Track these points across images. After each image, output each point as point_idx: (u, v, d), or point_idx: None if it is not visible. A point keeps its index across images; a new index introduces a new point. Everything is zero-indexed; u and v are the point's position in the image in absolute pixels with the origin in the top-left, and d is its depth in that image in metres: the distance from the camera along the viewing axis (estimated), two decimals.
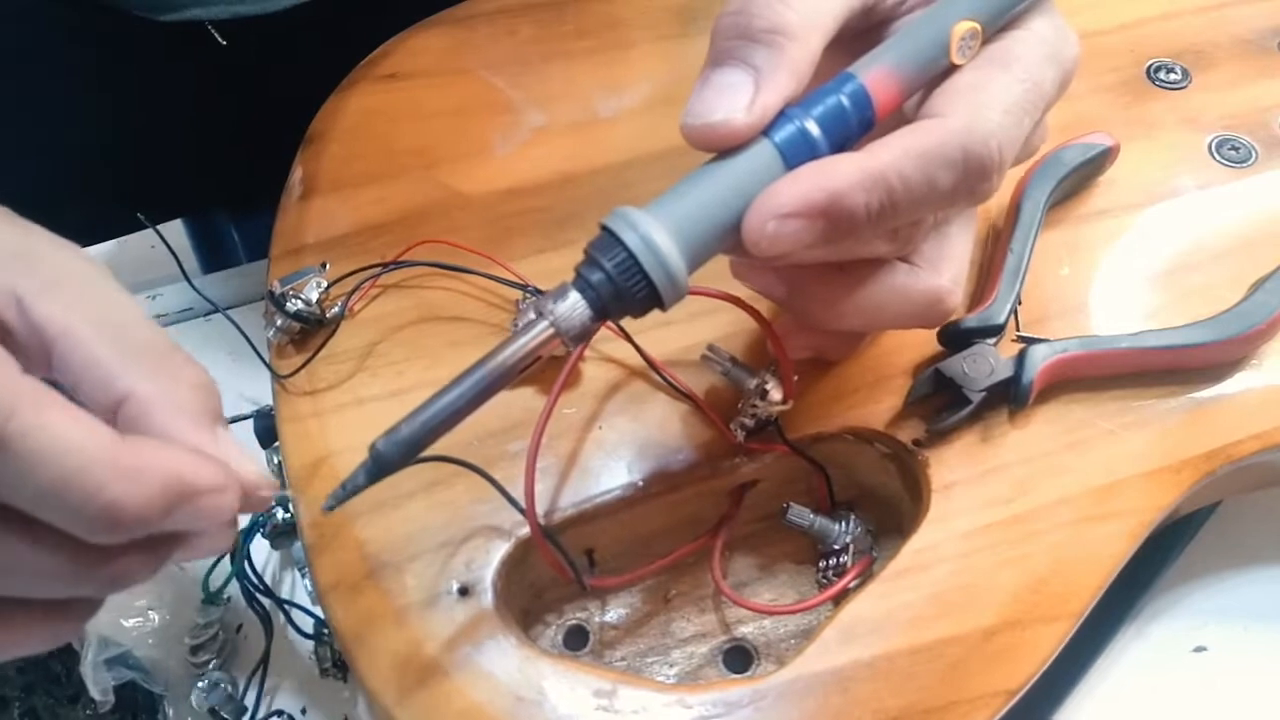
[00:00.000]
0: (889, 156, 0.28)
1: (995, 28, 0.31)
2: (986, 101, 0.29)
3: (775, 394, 0.34)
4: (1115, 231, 0.41)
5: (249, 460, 0.26)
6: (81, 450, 0.21)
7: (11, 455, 0.21)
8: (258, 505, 0.26)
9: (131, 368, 0.25)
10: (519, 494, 0.33)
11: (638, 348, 0.37)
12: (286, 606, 0.42)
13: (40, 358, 0.25)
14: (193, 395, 0.25)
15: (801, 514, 0.36)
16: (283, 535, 0.42)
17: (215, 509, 0.24)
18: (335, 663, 0.41)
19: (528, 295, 0.38)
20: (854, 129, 0.29)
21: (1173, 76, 0.46)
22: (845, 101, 0.29)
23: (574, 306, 0.27)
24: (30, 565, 0.22)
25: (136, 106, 0.52)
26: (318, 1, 0.47)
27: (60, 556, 0.23)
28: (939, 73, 0.30)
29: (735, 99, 0.28)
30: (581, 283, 0.27)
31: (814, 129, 0.28)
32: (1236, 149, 0.44)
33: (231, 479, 0.24)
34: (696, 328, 0.38)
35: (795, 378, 0.35)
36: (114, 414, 0.25)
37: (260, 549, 0.43)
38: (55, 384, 0.23)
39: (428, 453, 0.30)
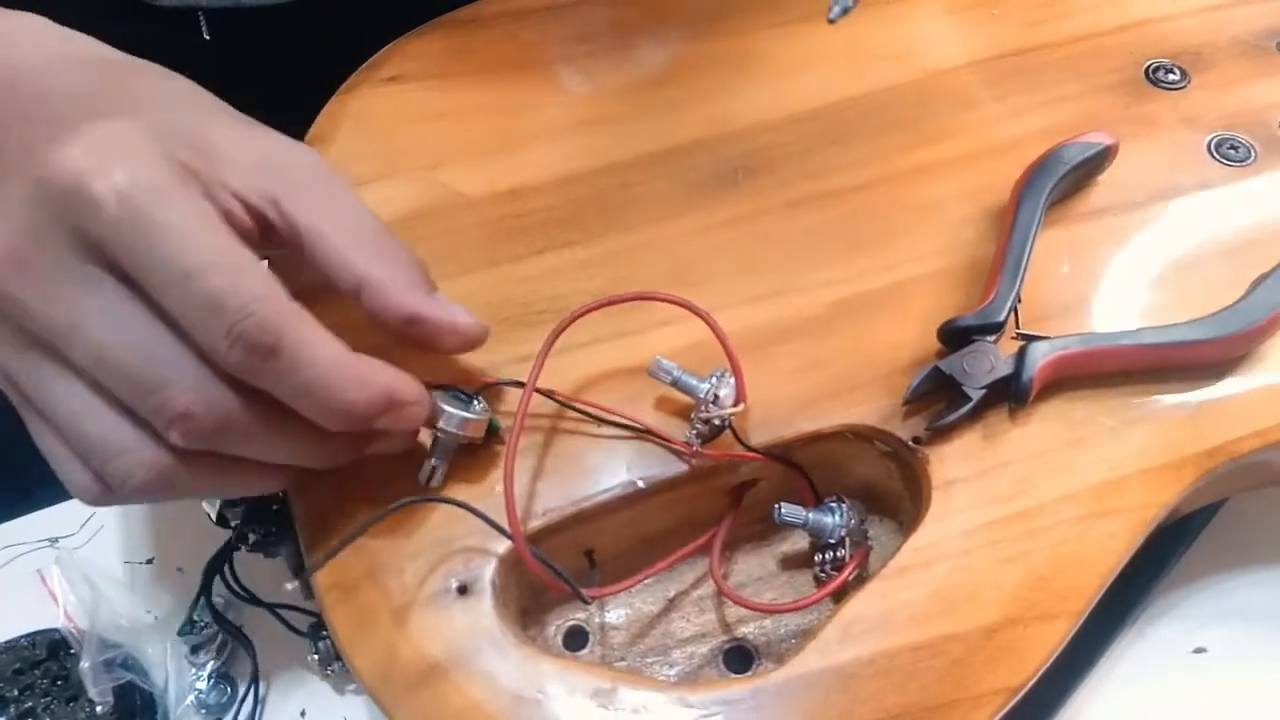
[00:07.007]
0: None
1: None
2: None
3: (727, 397, 0.34)
4: (1115, 230, 0.41)
5: (462, 311, 0.34)
6: (329, 362, 0.29)
7: (283, 361, 0.29)
8: (471, 341, 0.34)
9: (365, 258, 0.32)
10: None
11: (574, 408, 0.36)
12: (284, 609, 0.42)
13: (295, 249, 0.32)
14: (410, 272, 0.33)
15: (794, 512, 0.36)
16: (274, 544, 0.41)
17: (413, 418, 0.32)
18: (335, 663, 0.41)
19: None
20: None
21: (1172, 77, 0.46)
22: None
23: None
24: (281, 439, 0.31)
25: None
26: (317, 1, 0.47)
27: (302, 438, 0.31)
28: None
29: None
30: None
31: None
32: (1236, 148, 0.44)
33: (424, 394, 0.32)
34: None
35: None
36: (358, 295, 0.32)
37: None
38: None
39: (417, 496, 0.34)
